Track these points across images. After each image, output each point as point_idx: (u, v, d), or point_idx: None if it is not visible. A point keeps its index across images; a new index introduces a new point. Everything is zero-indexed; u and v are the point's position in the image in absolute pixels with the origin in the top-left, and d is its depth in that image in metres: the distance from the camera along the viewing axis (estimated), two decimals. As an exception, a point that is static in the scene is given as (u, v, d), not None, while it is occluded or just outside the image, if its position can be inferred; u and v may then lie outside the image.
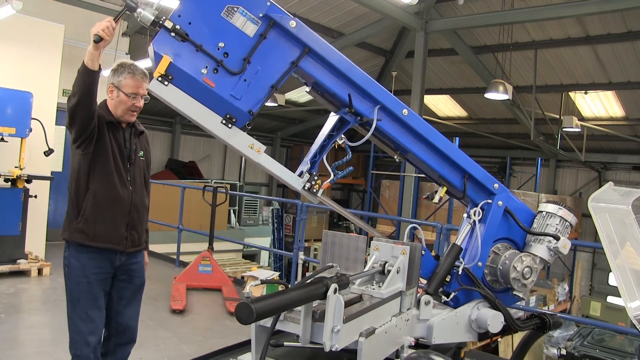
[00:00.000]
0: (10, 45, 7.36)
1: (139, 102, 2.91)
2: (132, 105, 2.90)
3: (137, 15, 2.03)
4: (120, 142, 2.94)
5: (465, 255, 2.56)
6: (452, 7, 11.02)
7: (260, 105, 2.11)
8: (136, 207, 2.97)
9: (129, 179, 2.94)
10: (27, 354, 4.32)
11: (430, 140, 2.44)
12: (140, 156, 3.05)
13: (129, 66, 2.90)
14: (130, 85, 2.87)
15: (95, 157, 2.84)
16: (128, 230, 2.93)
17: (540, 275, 2.77)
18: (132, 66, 2.91)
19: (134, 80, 2.87)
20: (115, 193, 2.87)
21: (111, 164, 2.86)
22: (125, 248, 2.92)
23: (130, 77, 2.87)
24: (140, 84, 2.88)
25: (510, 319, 2.48)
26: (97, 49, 2.53)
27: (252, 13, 2.08)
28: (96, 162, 2.85)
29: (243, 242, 11.41)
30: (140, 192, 3.01)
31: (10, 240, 6.64)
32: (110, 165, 2.86)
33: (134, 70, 2.88)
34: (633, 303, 2.05)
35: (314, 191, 2.26)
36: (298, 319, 1.89)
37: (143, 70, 2.91)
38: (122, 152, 2.93)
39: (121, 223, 2.90)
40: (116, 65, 2.93)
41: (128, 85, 2.87)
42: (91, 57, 2.57)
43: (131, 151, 2.98)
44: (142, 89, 2.89)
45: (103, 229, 2.85)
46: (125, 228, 2.92)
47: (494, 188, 2.59)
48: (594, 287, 15.17)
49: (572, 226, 2.64)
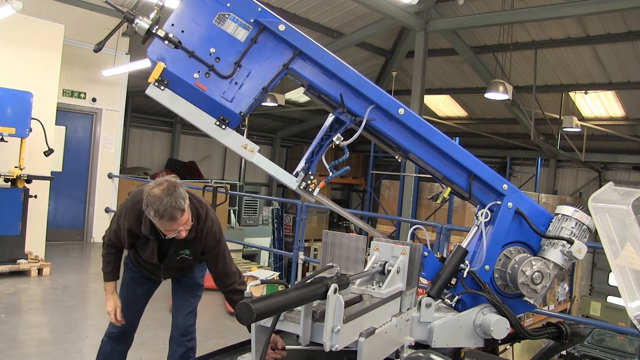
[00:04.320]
0: (10, 45, 7.36)
1: (179, 234, 2.67)
2: (173, 233, 2.68)
3: (134, 25, 2.12)
4: (162, 246, 2.92)
5: (472, 258, 2.50)
6: (452, 7, 11.02)
7: (251, 106, 2.16)
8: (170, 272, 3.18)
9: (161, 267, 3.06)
10: (27, 354, 4.32)
11: (430, 139, 2.42)
12: (182, 255, 2.96)
13: (153, 205, 2.53)
14: (163, 227, 2.65)
15: (137, 248, 3.00)
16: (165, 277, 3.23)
17: (566, 279, 2.67)
18: (157, 204, 2.52)
19: (161, 225, 2.61)
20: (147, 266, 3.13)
21: (145, 258, 3.01)
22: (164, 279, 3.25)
23: (156, 221, 2.60)
24: (174, 223, 2.59)
25: (518, 326, 2.40)
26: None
27: (244, 19, 2.15)
28: (137, 250, 3.03)
29: (243, 242, 11.41)
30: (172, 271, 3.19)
31: (10, 240, 6.64)
32: (143, 259, 3.03)
33: (159, 213, 2.53)
34: (633, 303, 2.05)
35: (310, 190, 2.29)
36: (298, 319, 1.89)
37: (173, 205, 2.52)
38: (160, 253, 2.95)
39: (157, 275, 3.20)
40: (145, 205, 2.58)
41: (162, 227, 2.66)
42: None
43: (166, 254, 2.95)
44: (179, 224, 2.61)
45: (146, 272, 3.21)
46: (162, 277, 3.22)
47: (502, 189, 2.52)
48: (594, 287, 15.16)
49: (590, 230, 2.52)
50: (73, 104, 9.57)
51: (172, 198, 2.52)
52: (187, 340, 3.27)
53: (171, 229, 2.62)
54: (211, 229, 2.88)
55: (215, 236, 2.90)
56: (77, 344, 4.63)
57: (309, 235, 13.20)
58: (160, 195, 2.52)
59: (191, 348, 3.31)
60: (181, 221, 2.61)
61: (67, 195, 9.44)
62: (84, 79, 9.49)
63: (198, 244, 2.88)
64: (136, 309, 3.27)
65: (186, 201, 2.61)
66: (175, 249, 2.91)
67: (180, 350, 3.27)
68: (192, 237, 2.80)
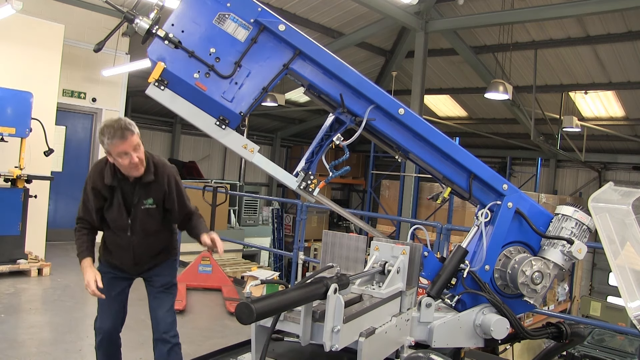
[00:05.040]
0: (10, 45, 7.36)
1: (132, 158, 2.87)
2: (129, 164, 2.89)
3: (134, 25, 2.12)
4: (126, 197, 3.07)
5: (472, 258, 2.50)
6: (452, 7, 11.02)
7: (251, 106, 2.15)
8: (138, 248, 3.18)
9: (129, 228, 3.11)
10: (27, 354, 4.32)
11: (430, 139, 2.42)
12: (146, 205, 3.09)
13: (106, 131, 2.85)
14: (115, 149, 2.85)
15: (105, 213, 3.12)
16: (136, 263, 3.21)
17: (566, 279, 2.68)
18: (110, 128, 2.85)
19: (115, 143, 2.83)
20: (117, 240, 3.16)
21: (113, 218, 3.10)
22: (138, 274, 3.27)
23: (110, 141, 2.84)
24: (124, 143, 2.83)
25: (518, 326, 2.40)
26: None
27: (244, 19, 2.15)
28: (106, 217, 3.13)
29: (243, 242, 11.41)
30: (140, 237, 3.16)
31: (10, 240, 6.64)
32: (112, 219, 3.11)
33: (112, 133, 2.83)
34: (633, 303, 2.05)
35: (310, 190, 2.28)
36: (298, 319, 1.89)
37: (123, 125, 2.85)
38: (126, 205, 3.08)
39: (128, 260, 3.20)
40: (99, 131, 2.95)
41: (114, 150, 2.86)
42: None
43: (131, 204, 3.08)
44: (129, 145, 2.84)
45: (118, 262, 3.23)
46: (133, 262, 3.20)
47: (502, 189, 2.52)
48: (594, 287, 15.17)
49: (590, 230, 2.52)
50: (73, 104, 9.57)
51: (122, 122, 2.86)
52: (172, 336, 3.26)
53: (123, 150, 2.82)
54: (169, 170, 3.12)
55: (174, 177, 3.13)
56: (77, 344, 4.62)
57: (309, 235, 13.20)
58: (110, 122, 2.89)
59: (176, 344, 3.29)
60: (132, 142, 2.83)
61: (67, 195, 9.43)
62: (84, 79, 9.49)
63: (159, 188, 3.07)
64: (115, 309, 3.27)
65: (136, 129, 2.88)
66: (138, 197, 3.05)
67: (166, 348, 3.24)
68: (152, 179, 3.03)
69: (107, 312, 3.21)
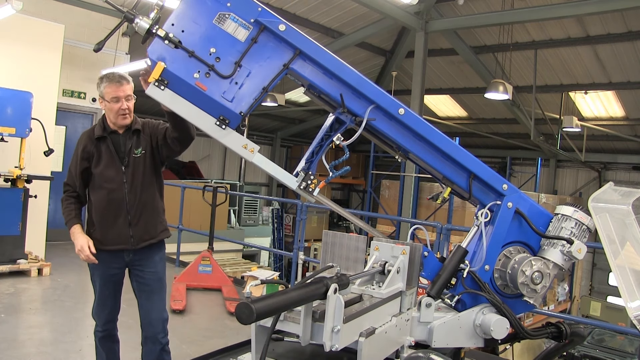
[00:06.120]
0: (10, 45, 7.36)
1: (123, 104, 3.07)
2: (118, 109, 3.07)
3: (134, 25, 2.12)
4: (118, 148, 3.15)
5: (472, 258, 2.50)
6: (452, 7, 11.03)
7: (251, 106, 2.16)
8: (133, 205, 3.14)
9: (124, 181, 3.12)
10: (27, 354, 4.32)
11: (430, 139, 2.41)
12: (136, 154, 3.16)
13: (106, 75, 3.10)
14: (109, 92, 3.05)
15: (94, 172, 3.15)
16: (131, 228, 3.14)
17: (566, 279, 2.67)
18: (109, 74, 3.11)
19: (111, 87, 3.04)
20: (109, 196, 3.12)
21: (105, 173, 3.12)
22: (132, 246, 3.16)
23: (107, 84, 3.05)
24: (118, 88, 3.05)
25: (518, 326, 2.39)
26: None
27: (244, 19, 2.15)
28: (94, 176, 3.15)
29: (243, 242, 11.41)
30: (136, 190, 3.15)
31: (10, 240, 6.64)
32: (104, 175, 3.12)
33: (110, 78, 3.06)
34: (633, 303, 2.05)
35: (310, 190, 2.28)
36: (298, 319, 1.89)
37: (120, 74, 3.09)
38: (119, 157, 3.14)
39: (123, 223, 3.13)
40: (98, 79, 3.14)
41: (108, 93, 3.05)
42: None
43: (125, 154, 3.14)
44: (122, 91, 3.06)
45: (112, 235, 3.15)
46: (127, 227, 3.13)
47: (502, 189, 2.51)
48: (594, 287, 15.17)
49: (590, 230, 2.52)
50: (73, 104, 9.57)
51: (119, 72, 3.13)
52: (163, 336, 3.25)
53: (117, 95, 3.03)
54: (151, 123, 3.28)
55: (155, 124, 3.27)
56: (77, 344, 4.63)
57: (309, 235, 13.21)
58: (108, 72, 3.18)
59: (166, 343, 3.28)
60: (125, 89, 3.06)
61: (67, 195, 9.44)
62: (84, 79, 9.49)
63: (146, 138, 3.19)
64: (111, 302, 3.28)
65: (131, 81, 3.09)
66: (130, 145, 3.15)
67: (157, 348, 3.22)
68: (139, 127, 3.19)
69: (102, 307, 3.25)
